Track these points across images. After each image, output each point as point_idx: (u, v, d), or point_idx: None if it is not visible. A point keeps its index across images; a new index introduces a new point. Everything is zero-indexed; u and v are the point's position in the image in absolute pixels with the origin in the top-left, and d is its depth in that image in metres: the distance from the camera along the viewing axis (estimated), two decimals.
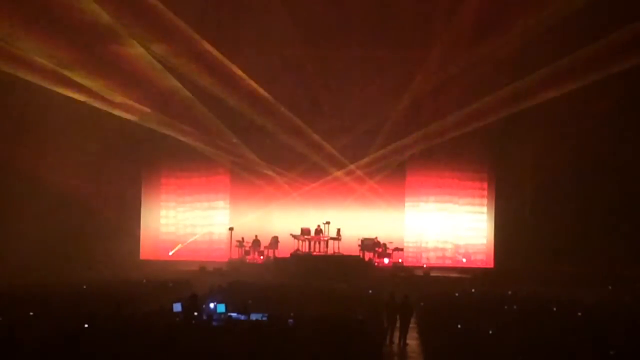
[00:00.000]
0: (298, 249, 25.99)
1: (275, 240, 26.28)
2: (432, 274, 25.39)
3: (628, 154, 24.14)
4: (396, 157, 26.78)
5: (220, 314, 15.05)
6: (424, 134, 25.62)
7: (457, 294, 19.54)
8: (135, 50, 22.26)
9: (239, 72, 23.92)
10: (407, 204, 27.72)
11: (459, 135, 25.67)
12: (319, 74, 24.96)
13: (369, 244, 26.09)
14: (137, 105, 24.37)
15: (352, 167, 26.99)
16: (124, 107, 24.24)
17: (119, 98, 23.62)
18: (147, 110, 24.65)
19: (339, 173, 27.04)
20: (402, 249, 26.49)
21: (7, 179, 24.93)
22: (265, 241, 26.44)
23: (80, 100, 23.68)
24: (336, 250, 26.05)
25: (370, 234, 26.42)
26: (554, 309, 16.76)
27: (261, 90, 24.63)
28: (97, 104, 23.65)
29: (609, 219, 24.41)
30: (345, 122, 26.13)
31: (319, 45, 24.00)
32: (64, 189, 25.15)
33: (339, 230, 26.13)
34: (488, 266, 27.05)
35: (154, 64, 22.81)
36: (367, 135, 26.28)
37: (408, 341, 15.22)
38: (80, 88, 22.89)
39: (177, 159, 27.80)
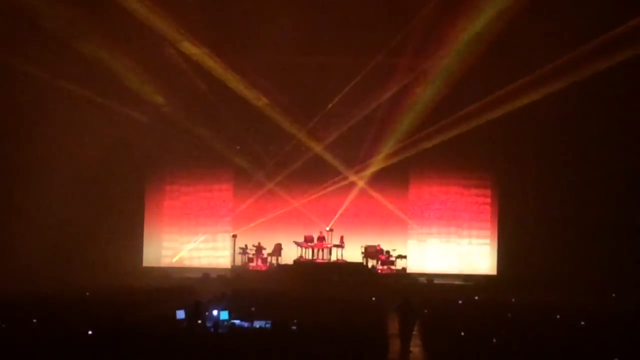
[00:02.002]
0: (301, 256, 26.01)
1: (278, 248, 26.29)
2: (436, 281, 25.37)
3: (634, 160, 24.13)
4: (400, 164, 26.78)
5: (224, 321, 15.06)
6: (426, 139, 25.68)
7: (460, 302, 19.52)
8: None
9: (244, 78, 24.11)
10: (410, 211, 27.68)
11: (462, 139, 25.75)
12: (323, 81, 24.99)
13: (371, 251, 26.09)
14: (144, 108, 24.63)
15: (355, 174, 26.96)
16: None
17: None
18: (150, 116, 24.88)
19: (342, 180, 27.01)
20: (405, 256, 26.45)
21: (8, 185, 24.96)
22: (268, 248, 26.43)
23: (84, 104, 23.88)
24: (339, 258, 26.07)
25: (373, 241, 26.43)
26: (557, 316, 16.73)
27: (266, 96, 24.79)
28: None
29: (613, 224, 24.37)
30: (350, 129, 26.13)
31: (322, 52, 24.06)
32: (66, 195, 25.14)
33: (342, 237, 26.15)
34: (491, 273, 27.00)
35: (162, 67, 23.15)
36: (370, 142, 26.30)
37: (411, 348, 15.21)
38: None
39: (181, 166, 27.83)
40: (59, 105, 23.92)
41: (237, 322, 15.02)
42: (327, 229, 26.36)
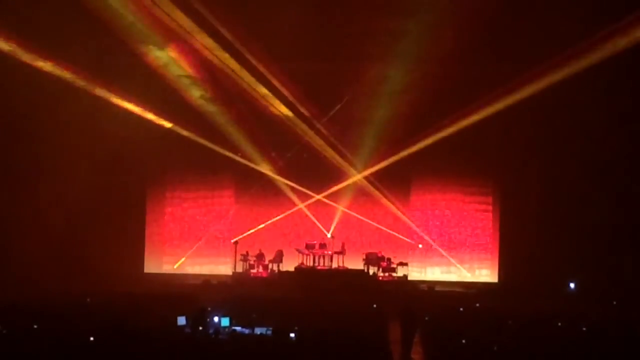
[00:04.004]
0: (302, 263, 26.00)
1: (279, 254, 26.28)
2: (437, 288, 25.35)
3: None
4: (402, 171, 26.83)
5: (225, 327, 15.07)
6: (428, 146, 25.75)
7: (461, 309, 19.50)
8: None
9: (245, 82, 24.27)
10: (411, 218, 27.67)
11: (464, 146, 25.84)
12: (324, 85, 25.09)
13: (373, 258, 26.07)
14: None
15: (357, 180, 26.97)
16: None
17: None
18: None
19: (344, 187, 27.02)
20: (406, 264, 26.43)
21: (9, 190, 24.92)
22: (269, 255, 26.42)
23: (87, 108, 23.97)
24: (340, 265, 26.06)
25: (375, 248, 26.44)
26: (559, 324, 16.71)
27: (266, 100, 24.92)
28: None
29: (615, 231, 24.35)
30: (350, 136, 26.19)
31: (328, 58, 24.17)
32: (67, 200, 25.13)
33: (343, 244, 26.15)
34: (492, 281, 26.99)
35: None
36: (372, 148, 26.31)
37: (412, 355, 15.17)
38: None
39: (182, 173, 27.84)
40: (62, 111, 23.96)
41: (238, 328, 15.03)
42: (329, 236, 26.37)
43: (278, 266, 26.28)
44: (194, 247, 27.79)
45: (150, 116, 25.46)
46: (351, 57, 23.93)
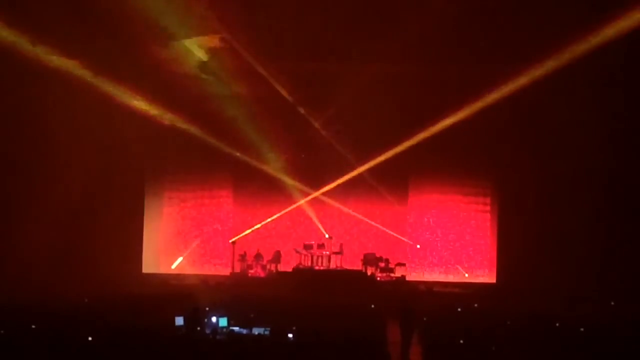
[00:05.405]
0: (300, 263, 26.01)
1: (277, 255, 26.29)
2: (435, 289, 25.35)
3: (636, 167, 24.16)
4: (400, 172, 26.85)
5: (223, 327, 15.07)
6: (427, 147, 25.76)
7: (459, 309, 19.51)
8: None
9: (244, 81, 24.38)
10: (409, 218, 27.69)
11: (462, 147, 25.90)
12: (324, 85, 25.11)
13: (371, 259, 26.10)
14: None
15: (355, 181, 26.96)
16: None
17: None
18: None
19: (342, 188, 27.01)
20: (404, 264, 26.47)
21: (6, 191, 24.90)
22: (267, 255, 26.43)
23: (86, 108, 23.99)
24: (338, 265, 26.07)
25: (373, 248, 26.45)
26: (557, 324, 16.72)
27: (265, 100, 25.03)
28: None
29: (614, 232, 24.36)
30: (348, 136, 26.23)
31: (327, 58, 24.21)
32: (65, 201, 25.09)
33: (341, 244, 26.16)
34: (490, 281, 26.99)
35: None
36: (370, 149, 26.29)
37: (411, 356, 15.19)
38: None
39: (180, 173, 27.84)
40: (61, 112, 23.94)
41: (236, 328, 15.04)
42: (327, 236, 26.39)
43: (276, 266, 26.31)
44: (191, 247, 27.80)
45: (150, 112, 25.46)
46: (350, 57, 23.95)
